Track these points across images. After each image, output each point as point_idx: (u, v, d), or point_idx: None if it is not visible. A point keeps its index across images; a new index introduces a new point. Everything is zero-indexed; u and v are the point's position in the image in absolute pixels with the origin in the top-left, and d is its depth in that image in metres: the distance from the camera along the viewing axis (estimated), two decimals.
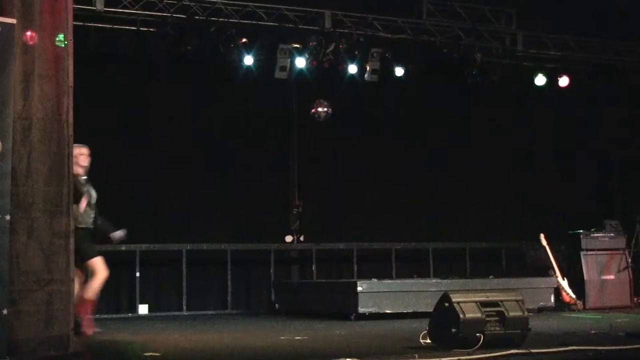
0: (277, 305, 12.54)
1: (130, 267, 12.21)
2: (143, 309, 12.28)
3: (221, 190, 12.99)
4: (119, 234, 8.99)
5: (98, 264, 8.54)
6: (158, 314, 12.25)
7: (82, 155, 8.51)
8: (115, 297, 12.26)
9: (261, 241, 13.12)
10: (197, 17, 11.94)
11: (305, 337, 8.49)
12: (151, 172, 12.57)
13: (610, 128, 14.75)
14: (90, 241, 8.60)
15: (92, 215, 8.60)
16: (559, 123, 14.63)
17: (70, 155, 6.76)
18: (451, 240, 14.08)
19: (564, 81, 14.07)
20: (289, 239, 13.29)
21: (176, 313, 12.35)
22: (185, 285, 12.44)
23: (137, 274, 12.23)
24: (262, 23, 12.31)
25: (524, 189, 14.54)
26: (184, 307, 12.43)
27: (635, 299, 12.46)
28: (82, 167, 8.53)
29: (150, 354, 7.06)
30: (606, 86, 14.43)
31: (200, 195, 12.84)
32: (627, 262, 12.49)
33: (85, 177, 8.58)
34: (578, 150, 14.89)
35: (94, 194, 8.61)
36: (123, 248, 12.07)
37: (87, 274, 8.62)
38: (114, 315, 11.88)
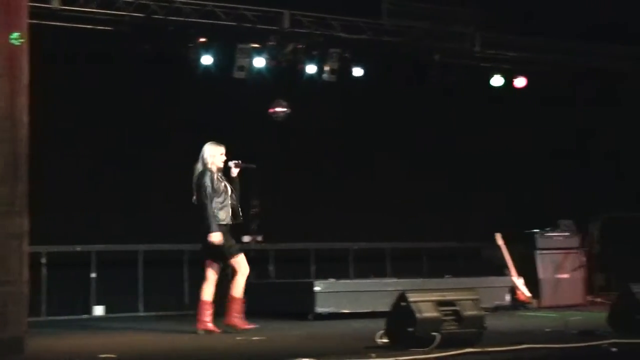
0: None
1: (86, 268, 12.09)
2: (99, 310, 12.17)
3: (178, 190, 12.82)
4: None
5: (239, 261, 8.94)
6: (114, 315, 12.13)
7: (220, 155, 8.95)
8: (70, 299, 12.13)
9: None
10: (155, 16, 11.87)
11: (263, 338, 8.48)
12: (107, 172, 12.47)
13: (565, 129, 14.91)
14: (230, 238, 8.91)
15: (230, 212, 8.93)
16: (515, 123, 14.75)
17: (26, 155, 6.68)
18: (408, 240, 14.15)
19: (520, 82, 14.22)
20: (246, 239, 13.24)
21: (133, 314, 12.25)
22: (141, 286, 12.36)
23: (93, 275, 12.13)
24: (220, 22, 12.27)
25: (480, 189, 14.65)
26: (141, 308, 12.35)
27: (588, 298, 12.61)
28: (219, 165, 8.87)
29: (105, 355, 7.00)
30: (563, 87, 14.59)
31: (157, 195, 12.76)
32: (581, 261, 12.63)
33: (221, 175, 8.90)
34: (534, 151, 15.03)
35: (229, 190, 8.94)
36: (78, 249, 12.00)
37: (229, 272, 9.01)
38: (69, 317, 11.76)
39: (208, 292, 9.19)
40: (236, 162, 9.25)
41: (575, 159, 15.13)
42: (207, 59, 12.37)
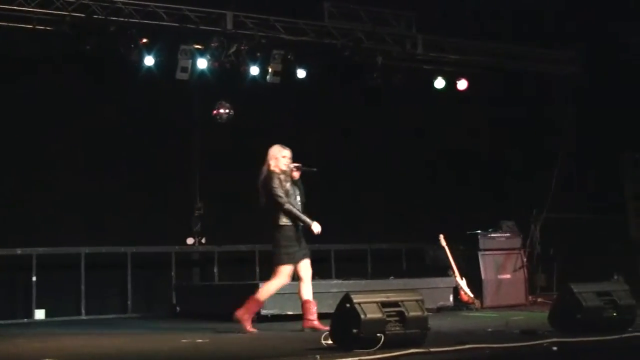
0: (178, 308, 12.43)
1: (27, 271, 11.93)
2: (40, 314, 12.01)
3: (121, 193, 12.82)
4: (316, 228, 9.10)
5: (304, 265, 9.03)
6: (55, 318, 11.99)
7: (284, 157, 8.94)
8: (11, 302, 11.98)
9: (162, 244, 12.98)
10: (96, 16, 11.73)
11: (207, 340, 8.44)
12: (48, 174, 12.33)
13: (506, 130, 15.10)
14: (296, 242, 8.97)
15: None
16: (457, 125, 14.89)
17: None
18: (352, 241, 14.19)
19: (462, 84, 14.36)
20: (190, 241, 13.19)
21: (74, 317, 12.12)
22: (84, 289, 12.23)
23: (34, 278, 11.96)
24: (163, 23, 12.18)
25: (423, 191, 14.76)
26: (83, 312, 12.21)
27: (530, 298, 12.76)
28: (283, 167, 8.92)
29: None
30: (503, 89, 14.77)
31: (99, 198, 12.64)
32: (523, 262, 12.78)
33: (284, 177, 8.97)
34: (475, 152, 15.18)
35: (296, 192, 8.98)
36: (19, 252, 11.84)
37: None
38: (10, 321, 11.60)
39: (307, 290, 9.18)
40: (297, 165, 9.23)
41: (516, 160, 15.33)
42: (149, 60, 12.28)
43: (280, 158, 9.12)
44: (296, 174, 9.25)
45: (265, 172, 9.13)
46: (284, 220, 9.03)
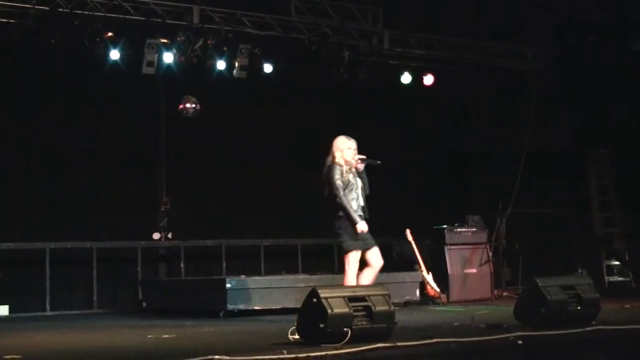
0: (144, 303, 12.38)
1: None
2: (3, 310, 11.90)
3: (87, 187, 12.73)
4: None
5: (373, 253, 8.95)
6: (19, 314, 11.88)
7: (349, 149, 8.91)
8: None
9: (128, 239, 12.90)
10: (60, 10, 11.61)
11: (173, 336, 8.40)
12: (12, 168, 12.23)
13: (472, 125, 15.17)
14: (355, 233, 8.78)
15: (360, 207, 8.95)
16: (424, 120, 14.95)
17: None
18: (319, 236, 14.18)
19: (428, 80, 14.40)
20: (156, 236, 13.12)
21: (39, 313, 12.01)
22: (48, 285, 12.12)
23: None
24: (128, 17, 12.08)
25: (389, 185, 14.77)
26: (48, 308, 12.11)
27: (495, 292, 12.85)
28: (348, 159, 8.87)
29: (11, 356, 6.84)
30: (469, 84, 14.83)
31: (64, 193, 12.56)
32: (488, 256, 12.86)
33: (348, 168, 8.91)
34: (442, 147, 15.24)
35: (360, 184, 8.91)
36: None
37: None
38: None
39: (365, 280, 9.04)
40: (361, 157, 9.16)
41: (482, 155, 15.41)
42: (115, 54, 12.17)
43: (345, 150, 9.08)
44: (360, 166, 9.19)
45: (328, 163, 9.09)
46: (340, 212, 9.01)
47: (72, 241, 12.41)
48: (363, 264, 9.03)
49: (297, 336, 7.14)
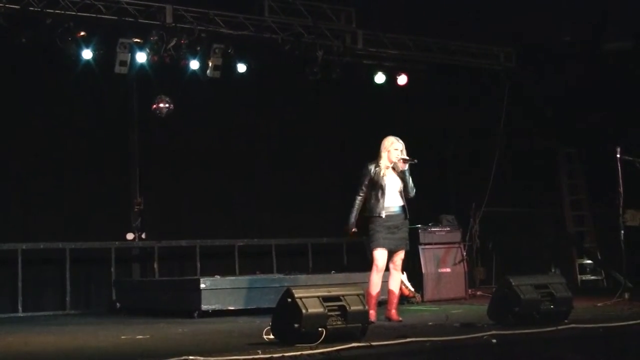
0: (118, 304, 12.31)
1: None
2: None
3: (59, 188, 12.65)
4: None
5: (378, 256, 9.07)
6: None
7: (395, 150, 9.05)
8: None
9: (101, 239, 12.83)
10: (31, 8, 11.52)
11: (147, 336, 8.37)
12: None
13: (446, 126, 15.21)
14: (380, 231, 9.01)
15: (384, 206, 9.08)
16: (398, 120, 14.96)
17: None
18: (294, 236, 14.19)
19: (402, 79, 14.44)
20: (130, 236, 13.06)
21: (11, 315, 11.91)
22: (20, 286, 12.02)
23: None
24: (101, 16, 12.01)
25: None
26: (20, 309, 12.01)
27: (469, 291, 12.90)
28: (393, 159, 9.02)
29: None
30: (442, 85, 14.88)
31: (37, 193, 12.47)
32: (462, 255, 12.91)
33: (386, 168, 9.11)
34: (417, 147, 15.23)
35: (398, 185, 9.04)
36: None
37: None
38: None
39: (392, 281, 9.51)
40: (404, 157, 9.29)
41: (455, 154, 15.47)
42: (87, 54, 12.10)
43: (392, 150, 9.26)
44: (404, 166, 9.29)
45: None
46: (369, 212, 9.18)
47: (44, 242, 12.32)
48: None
49: (271, 336, 7.14)
